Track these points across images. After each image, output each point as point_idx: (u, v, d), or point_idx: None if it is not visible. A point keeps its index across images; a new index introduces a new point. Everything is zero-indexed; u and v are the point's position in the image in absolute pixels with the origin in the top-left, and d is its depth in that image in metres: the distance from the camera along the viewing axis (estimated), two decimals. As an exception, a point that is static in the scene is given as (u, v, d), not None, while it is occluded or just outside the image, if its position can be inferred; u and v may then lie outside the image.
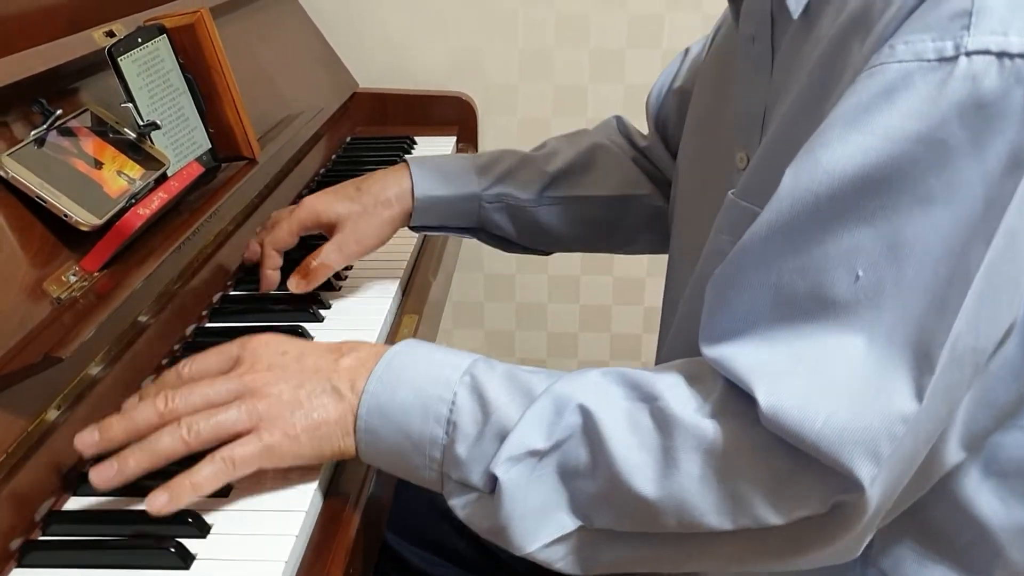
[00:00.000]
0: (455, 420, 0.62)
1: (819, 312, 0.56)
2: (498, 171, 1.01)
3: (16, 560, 0.64)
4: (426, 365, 0.65)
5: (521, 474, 0.61)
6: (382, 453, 0.65)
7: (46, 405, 0.71)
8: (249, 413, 0.64)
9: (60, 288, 0.76)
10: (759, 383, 0.56)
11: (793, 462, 0.56)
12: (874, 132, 0.54)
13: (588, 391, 0.62)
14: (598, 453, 0.60)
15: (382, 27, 1.71)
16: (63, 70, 0.87)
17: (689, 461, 0.57)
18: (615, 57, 1.71)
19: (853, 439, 0.54)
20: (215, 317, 0.96)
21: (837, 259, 0.55)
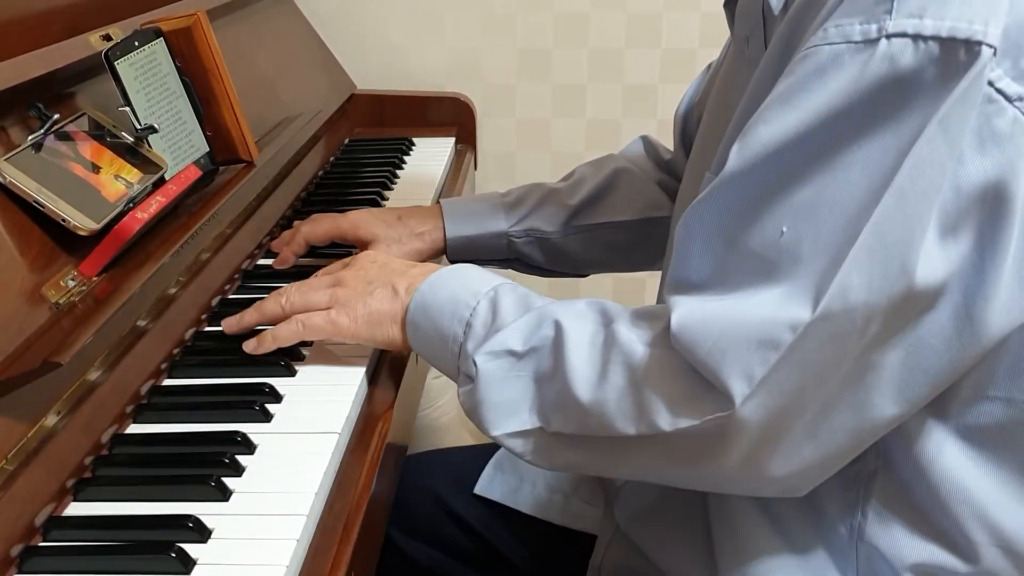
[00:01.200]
0: (471, 322, 0.75)
1: (747, 265, 0.63)
2: (525, 208, 1.09)
3: (16, 566, 0.63)
4: (466, 279, 0.79)
5: (498, 367, 0.73)
6: (420, 342, 0.79)
7: (45, 411, 0.70)
8: (330, 296, 0.83)
9: (59, 293, 0.76)
10: (678, 308, 0.64)
11: (690, 381, 0.64)
12: (806, 108, 0.60)
13: (568, 312, 0.73)
14: (559, 361, 0.70)
15: (380, 28, 1.71)
16: (60, 74, 0.87)
17: (616, 374, 0.67)
18: (614, 57, 1.71)
19: (732, 359, 0.61)
20: (215, 321, 0.95)
21: (767, 221, 0.62)
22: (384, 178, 1.37)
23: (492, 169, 1.76)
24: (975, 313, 0.61)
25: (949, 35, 0.56)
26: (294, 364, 0.86)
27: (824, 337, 0.60)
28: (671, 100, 1.75)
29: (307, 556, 0.66)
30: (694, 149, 0.91)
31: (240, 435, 0.75)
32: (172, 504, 0.68)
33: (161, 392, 0.84)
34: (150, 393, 0.83)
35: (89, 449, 0.73)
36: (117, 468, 0.74)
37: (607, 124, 1.75)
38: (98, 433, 0.75)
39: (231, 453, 0.73)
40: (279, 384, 0.83)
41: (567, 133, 1.76)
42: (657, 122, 1.74)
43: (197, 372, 0.86)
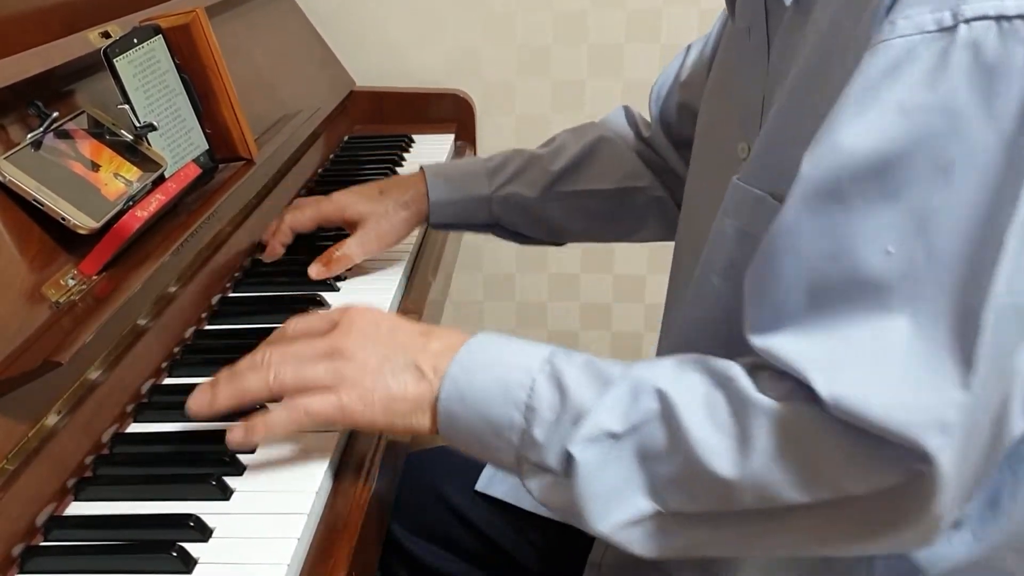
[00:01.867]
0: (533, 405, 0.64)
1: (857, 295, 0.57)
2: (507, 173, 1.08)
3: (18, 566, 0.63)
4: (506, 353, 0.67)
5: (597, 454, 0.62)
6: (460, 435, 0.67)
7: (46, 410, 0.70)
8: (333, 372, 0.67)
9: (59, 292, 0.76)
10: (815, 375, 0.57)
11: (867, 436, 0.56)
12: (887, 108, 0.55)
13: (665, 375, 0.63)
14: (675, 436, 0.61)
15: (379, 25, 1.70)
16: (59, 72, 0.87)
17: (765, 439, 0.59)
18: (613, 53, 1.71)
19: (918, 415, 0.54)
20: (214, 319, 0.95)
21: (866, 239, 0.56)
22: (384, 175, 1.37)
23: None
24: None
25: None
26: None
27: (990, 359, 0.55)
28: (671, 96, 1.75)
29: (308, 555, 0.66)
30: (697, 146, 0.91)
31: (241, 434, 0.75)
32: (173, 503, 0.68)
33: (162, 391, 0.83)
34: (151, 392, 0.83)
35: (90, 448, 0.73)
36: (118, 467, 0.74)
37: (607, 120, 1.75)
38: (99, 432, 0.75)
39: (232, 452, 0.73)
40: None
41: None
42: (657, 118, 1.74)
43: (198, 371, 0.86)
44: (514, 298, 1.86)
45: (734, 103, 0.76)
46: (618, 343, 1.88)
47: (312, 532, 0.67)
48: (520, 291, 1.85)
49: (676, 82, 1.05)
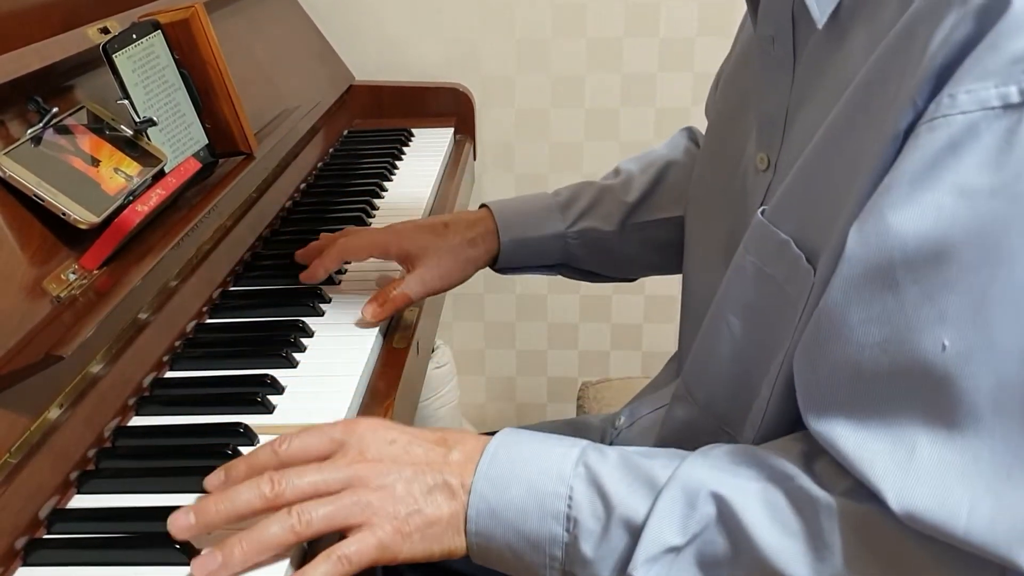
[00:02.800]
0: (575, 516, 0.60)
1: (911, 389, 0.54)
2: (580, 207, 1.01)
3: (21, 559, 0.64)
4: (533, 458, 0.63)
5: (660, 571, 0.59)
6: (495, 553, 0.63)
7: (48, 404, 0.71)
8: (363, 507, 0.61)
9: (60, 287, 0.76)
10: (883, 486, 0.54)
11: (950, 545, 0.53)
12: (945, 189, 0.51)
13: (717, 476, 0.59)
14: (740, 542, 0.58)
15: (377, 19, 1.70)
16: (58, 68, 0.87)
17: (842, 542, 0.55)
18: (613, 47, 1.71)
19: (1004, 533, 0.51)
20: (215, 313, 0.96)
21: (919, 330, 0.53)
22: (383, 169, 1.37)
23: (491, 159, 1.76)
24: None
25: None
26: (295, 355, 0.86)
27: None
28: (670, 89, 1.75)
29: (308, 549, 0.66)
30: (709, 130, 0.89)
31: (243, 426, 0.75)
32: (175, 496, 0.68)
33: (163, 384, 0.84)
34: (152, 385, 0.83)
35: (92, 442, 0.74)
36: (120, 460, 0.74)
37: (606, 113, 1.75)
38: (101, 426, 0.75)
39: (234, 444, 0.73)
40: (281, 376, 0.83)
41: (566, 123, 1.76)
42: (656, 111, 1.74)
43: (199, 364, 0.86)
44: (514, 290, 1.87)
45: (753, 109, 0.74)
46: (618, 335, 1.88)
47: (313, 524, 0.68)
48: (520, 283, 1.86)
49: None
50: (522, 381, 1.94)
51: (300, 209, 1.23)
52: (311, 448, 0.64)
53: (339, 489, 0.62)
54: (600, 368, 1.89)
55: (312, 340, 0.90)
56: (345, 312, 0.96)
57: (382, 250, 0.97)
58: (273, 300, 0.98)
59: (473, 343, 1.90)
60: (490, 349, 1.91)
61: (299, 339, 0.89)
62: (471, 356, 1.91)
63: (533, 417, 1.93)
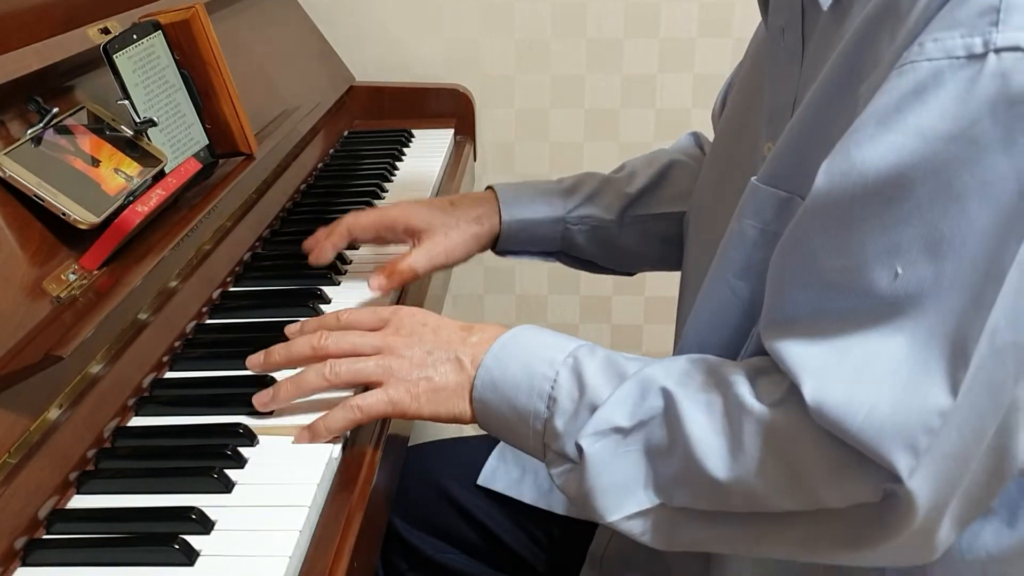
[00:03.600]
0: (556, 396, 0.68)
1: (863, 310, 0.58)
2: (582, 194, 1.04)
3: (21, 559, 0.64)
4: (536, 347, 0.71)
5: (605, 448, 0.66)
6: (492, 421, 0.72)
7: (47, 404, 0.71)
8: (383, 368, 0.73)
9: (60, 287, 0.76)
10: (806, 379, 0.59)
11: (848, 451, 0.58)
12: (907, 131, 0.55)
13: (672, 375, 0.66)
14: (676, 434, 0.64)
15: (378, 20, 1.70)
16: (59, 68, 0.87)
17: (754, 445, 0.61)
18: (612, 47, 1.71)
19: (891, 432, 0.56)
20: (216, 314, 0.96)
21: (877, 258, 0.57)
22: (383, 170, 1.37)
23: (491, 160, 1.76)
24: None
25: None
26: (295, 356, 0.86)
27: (980, 390, 0.56)
28: (670, 90, 1.75)
29: (310, 547, 0.66)
30: (717, 135, 0.90)
31: (242, 427, 0.75)
32: (175, 496, 0.68)
33: (163, 385, 0.84)
34: (152, 386, 0.83)
35: (92, 442, 0.74)
36: (120, 461, 0.74)
37: (606, 114, 1.75)
38: (100, 426, 0.75)
39: (233, 445, 0.73)
40: (281, 376, 0.83)
41: (566, 123, 1.76)
42: (656, 112, 1.74)
43: (199, 365, 0.86)
44: (514, 291, 1.87)
45: (763, 102, 0.75)
46: (618, 336, 1.88)
47: (314, 524, 0.68)
48: (520, 284, 1.86)
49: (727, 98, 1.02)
50: (522, 382, 1.94)
51: (300, 210, 1.23)
52: (363, 319, 0.78)
53: (371, 353, 0.74)
54: (600, 369, 1.89)
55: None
56: (345, 313, 0.96)
57: (389, 226, 0.99)
58: (273, 300, 0.98)
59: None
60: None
61: (299, 339, 0.88)
62: (471, 357, 1.91)
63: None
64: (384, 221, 0.99)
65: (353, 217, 0.99)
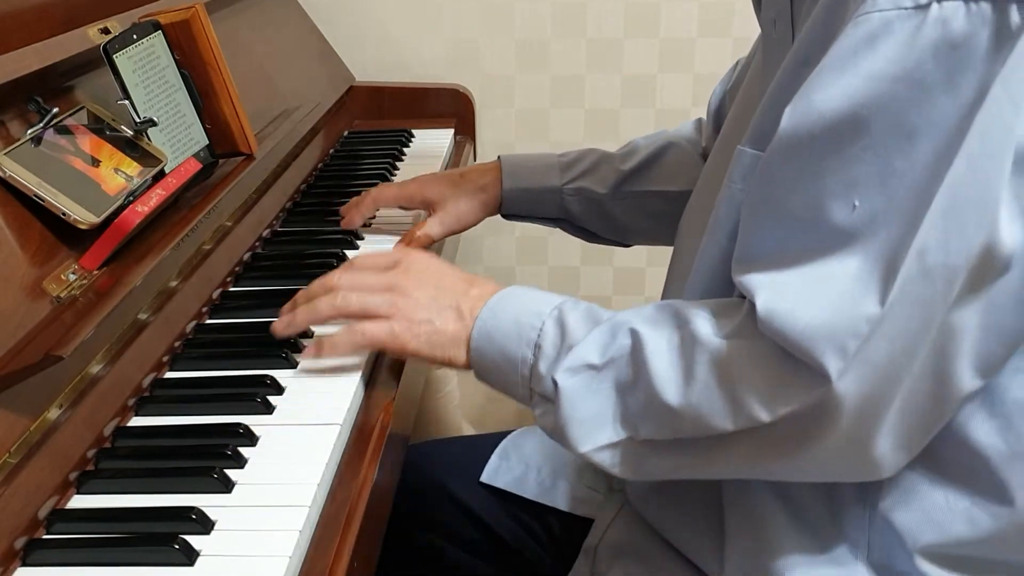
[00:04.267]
0: (540, 344, 0.74)
1: (822, 240, 0.62)
2: (579, 168, 1.12)
3: (21, 559, 0.64)
4: (527, 300, 0.78)
5: (579, 384, 0.71)
6: (486, 370, 0.77)
7: (47, 404, 0.71)
8: (390, 304, 0.79)
9: (60, 287, 0.76)
10: (760, 293, 0.64)
11: (783, 367, 0.64)
12: (859, 74, 0.60)
13: (641, 318, 0.72)
14: (640, 369, 0.69)
15: (378, 20, 1.70)
16: (58, 68, 0.87)
17: (703, 372, 0.67)
18: (612, 47, 1.71)
19: (825, 336, 0.61)
20: (216, 314, 0.96)
21: (835, 192, 0.62)
22: (383, 170, 1.37)
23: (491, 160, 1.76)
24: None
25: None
26: (295, 356, 0.86)
27: (908, 305, 0.60)
28: (670, 90, 1.75)
29: (310, 547, 0.66)
30: (723, 130, 0.92)
31: (242, 427, 0.75)
32: (175, 496, 0.68)
33: (163, 385, 0.84)
34: (152, 386, 0.83)
35: (92, 442, 0.74)
36: (120, 461, 0.74)
37: (606, 114, 1.75)
38: (100, 426, 0.75)
39: (233, 445, 0.73)
40: (280, 376, 0.83)
41: (566, 123, 1.76)
42: (656, 112, 1.74)
43: (199, 364, 0.86)
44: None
45: (757, 94, 0.77)
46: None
47: (314, 524, 0.68)
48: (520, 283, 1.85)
49: (724, 93, 1.06)
50: (522, 382, 1.94)
51: (300, 210, 1.23)
52: (377, 262, 0.85)
53: (380, 290, 0.80)
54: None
55: (311, 340, 0.90)
56: (345, 312, 0.96)
57: (408, 198, 1.12)
58: (273, 300, 0.97)
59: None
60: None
61: (299, 339, 0.88)
62: (471, 357, 1.91)
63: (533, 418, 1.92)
64: (404, 193, 1.11)
65: (378, 190, 1.12)
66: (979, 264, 0.60)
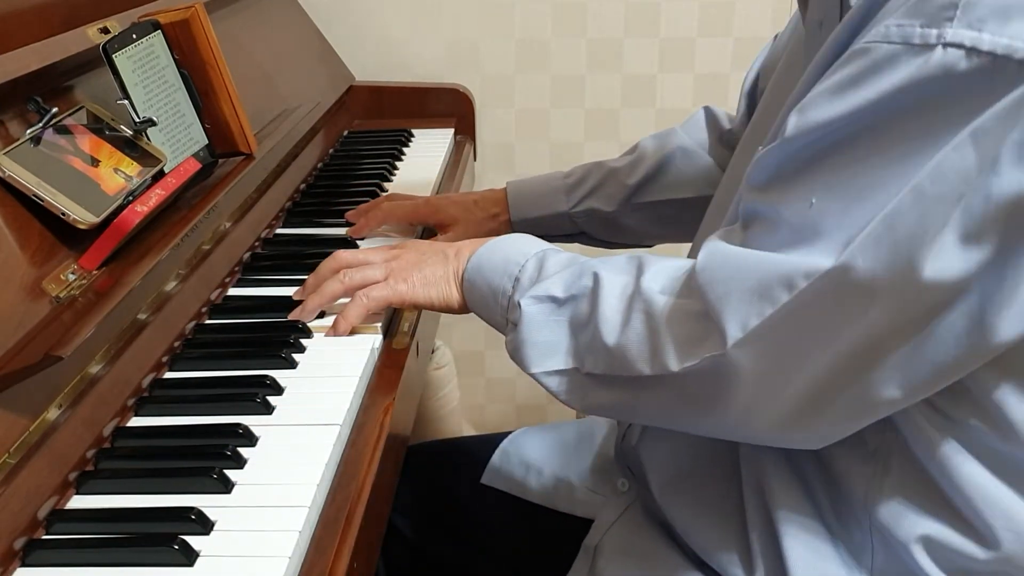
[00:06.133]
0: (519, 277, 0.81)
1: (774, 227, 0.66)
2: (585, 188, 1.15)
3: (20, 559, 0.64)
4: (519, 242, 0.85)
5: (540, 311, 0.78)
6: (474, 299, 0.85)
7: (47, 404, 0.71)
8: (387, 270, 0.89)
9: (59, 287, 0.76)
10: (706, 251, 0.69)
11: (697, 324, 0.68)
12: (854, 99, 0.61)
13: (607, 265, 0.77)
14: (593, 309, 0.75)
15: (378, 20, 1.70)
16: (58, 68, 0.87)
17: (637, 320, 0.72)
18: (612, 46, 1.71)
19: (734, 303, 0.65)
20: (215, 314, 0.96)
21: (801, 187, 0.65)
22: (383, 170, 1.37)
23: (491, 160, 1.76)
24: (988, 318, 0.61)
25: (1004, 53, 0.57)
26: (295, 356, 0.86)
27: (822, 300, 0.62)
28: (670, 89, 1.75)
29: (309, 547, 0.66)
30: (750, 125, 0.92)
31: (242, 427, 0.75)
32: (174, 496, 0.68)
33: (162, 385, 0.84)
34: (151, 386, 0.83)
35: (91, 442, 0.74)
36: (119, 461, 0.74)
37: (606, 114, 1.75)
38: (100, 426, 0.75)
39: (233, 445, 0.73)
40: (280, 376, 0.83)
41: (566, 123, 1.76)
42: (656, 111, 1.74)
43: (198, 365, 0.86)
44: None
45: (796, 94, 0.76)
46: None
47: (313, 525, 0.68)
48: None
49: (760, 74, 1.06)
50: (522, 382, 1.94)
51: (300, 210, 1.23)
52: (380, 248, 0.93)
53: (379, 263, 0.90)
54: (600, 369, 1.89)
55: (311, 341, 0.90)
56: (345, 313, 0.96)
57: (421, 219, 1.16)
58: (273, 301, 0.98)
59: (473, 344, 1.90)
60: (490, 350, 1.90)
61: (298, 340, 0.88)
62: (471, 357, 1.91)
63: (533, 418, 1.93)
64: (417, 215, 1.15)
65: (391, 205, 1.15)
66: (906, 294, 0.61)
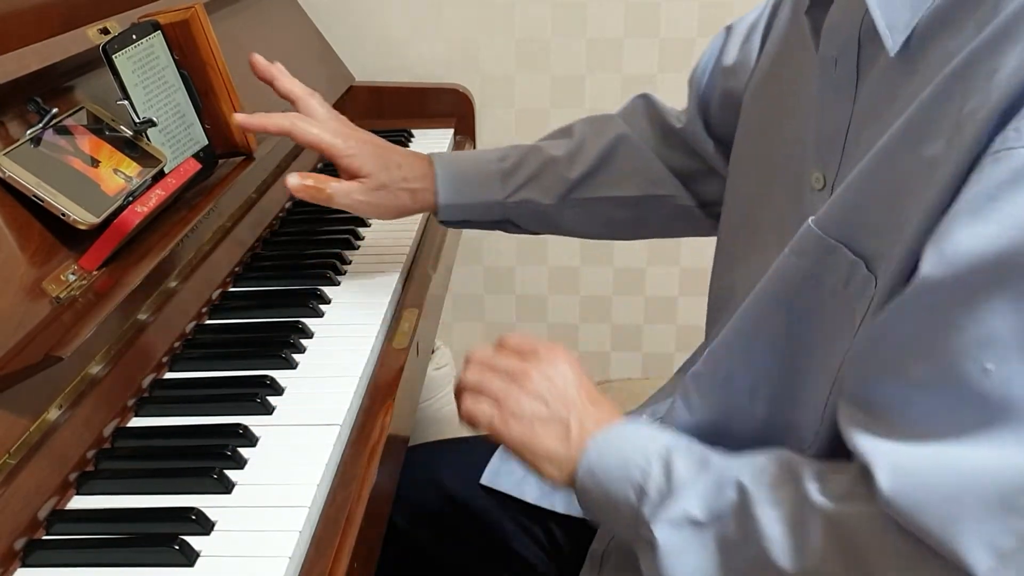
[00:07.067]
0: (645, 487, 0.68)
1: (949, 405, 0.55)
2: (521, 176, 1.03)
3: (20, 560, 0.64)
4: (635, 437, 0.72)
5: (681, 539, 0.66)
6: (590, 506, 0.73)
7: (47, 405, 0.71)
8: (504, 391, 0.75)
9: (59, 287, 0.76)
10: (882, 465, 0.57)
11: (918, 545, 0.56)
12: (1001, 221, 0.52)
13: (748, 470, 0.66)
14: (749, 528, 0.64)
15: (378, 20, 1.70)
16: (58, 68, 0.87)
17: (816, 537, 0.60)
18: (612, 47, 1.71)
19: (969, 528, 0.53)
20: (215, 314, 0.96)
21: (964, 351, 0.54)
22: (383, 170, 1.36)
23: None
24: None
25: None
26: (295, 356, 0.86)
27: None
28: (670, 89, 1.74)
29: (310, 547, 0.66)
30: (746, 152, 0.88)
31: (242, 428, 0.75)
32: (175, 497, 0.69)
33: (163, 385, 0.84)
34: (152, 386, 0.83)
35: (91, 443, 0.74)
36: (119, 461, 0.74)
37: (606, 114, 1.75)
38: (100, 427, 0.75)
39: (233, 446, 0.73)
40: (280, 377, 0.83)
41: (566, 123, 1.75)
42: (656, 112, 1.74)
43: (198, 365, 0.86)
44: (514, 291, 1.86)
45: (809, 127, 0.74)
46: (618, 336, 1.88)
47: (313, 525, 0.68)
48: (520, 284, 1.86)
49: (718, 66, 0.97)
50: (522, 382, 1.93)
51: (300, 210, 1.23)
52: (521, 344, 0.79)
53: (502, 373, 0.76)
54: (600, 369, 1.89)
55: (311, 341, 0.90)
56: (344, 313, 0.96)
57: (328, 151, 0.98)
58: (273, 301, 0.98)
59: (473, 344, 1.90)
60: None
61: (298, 340, 0.88)
62: (471, 357, 1.91)
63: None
64: (325, 145, 0.97)
65: (304, 124, 0.97)
66: None
